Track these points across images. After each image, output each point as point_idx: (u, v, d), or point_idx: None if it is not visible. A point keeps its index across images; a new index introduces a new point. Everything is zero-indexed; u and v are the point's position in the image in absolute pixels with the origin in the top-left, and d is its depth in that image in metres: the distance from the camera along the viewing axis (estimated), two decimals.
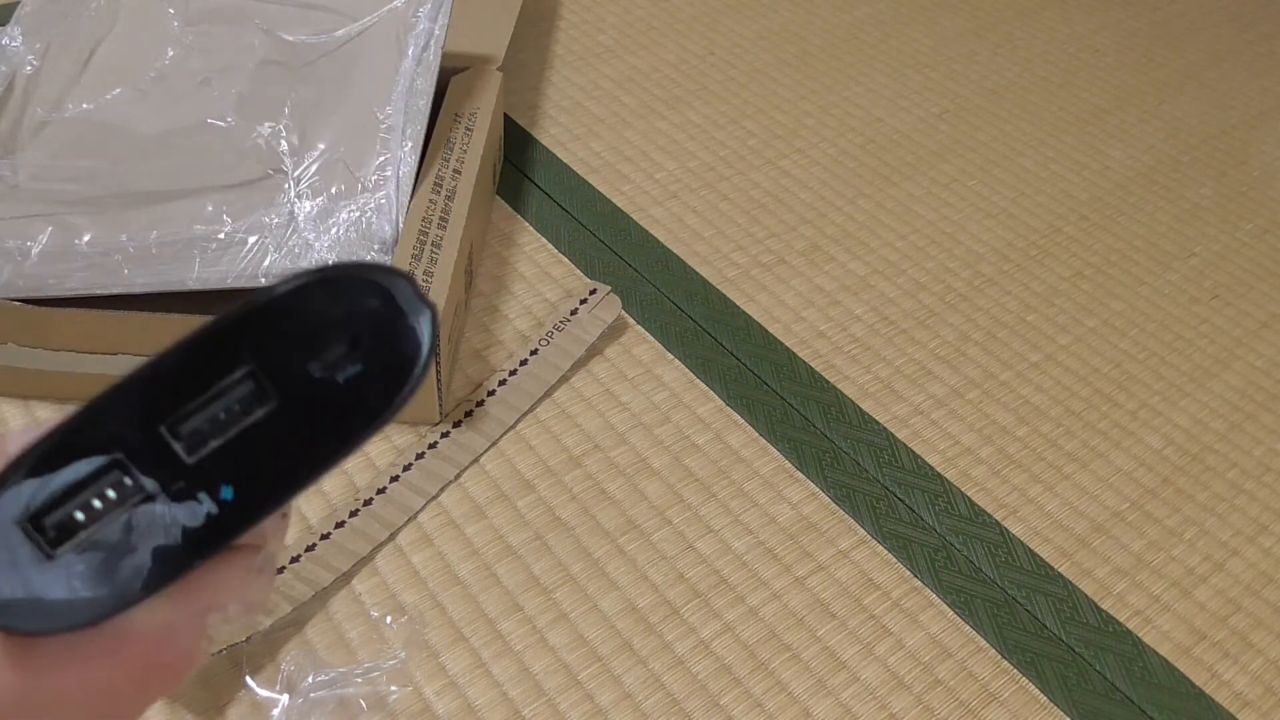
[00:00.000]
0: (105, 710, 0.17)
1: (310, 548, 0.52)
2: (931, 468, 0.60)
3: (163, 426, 0.15)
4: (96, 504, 0.15)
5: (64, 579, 0.15)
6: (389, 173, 0.59)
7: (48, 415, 0.58)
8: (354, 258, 0.56)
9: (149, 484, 0.15)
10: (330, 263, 0.16)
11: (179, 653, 0.17)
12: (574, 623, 0.51)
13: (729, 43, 0.94)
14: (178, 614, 0.17)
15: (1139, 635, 0.53)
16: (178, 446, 0.15)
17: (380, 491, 0.55)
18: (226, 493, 0.16)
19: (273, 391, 0.16)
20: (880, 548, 0.56)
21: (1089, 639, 0.53)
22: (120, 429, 0.15)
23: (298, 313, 0.15)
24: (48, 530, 0.15)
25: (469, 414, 0.59)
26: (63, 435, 0.15)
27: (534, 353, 0.63)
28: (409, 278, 0.17)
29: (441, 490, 0.56)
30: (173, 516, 0.15)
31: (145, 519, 0.15)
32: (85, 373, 0.56)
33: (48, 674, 0.16)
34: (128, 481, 0.15)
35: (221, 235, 0.56)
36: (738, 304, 0.69)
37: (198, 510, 0.15)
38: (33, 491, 0.15)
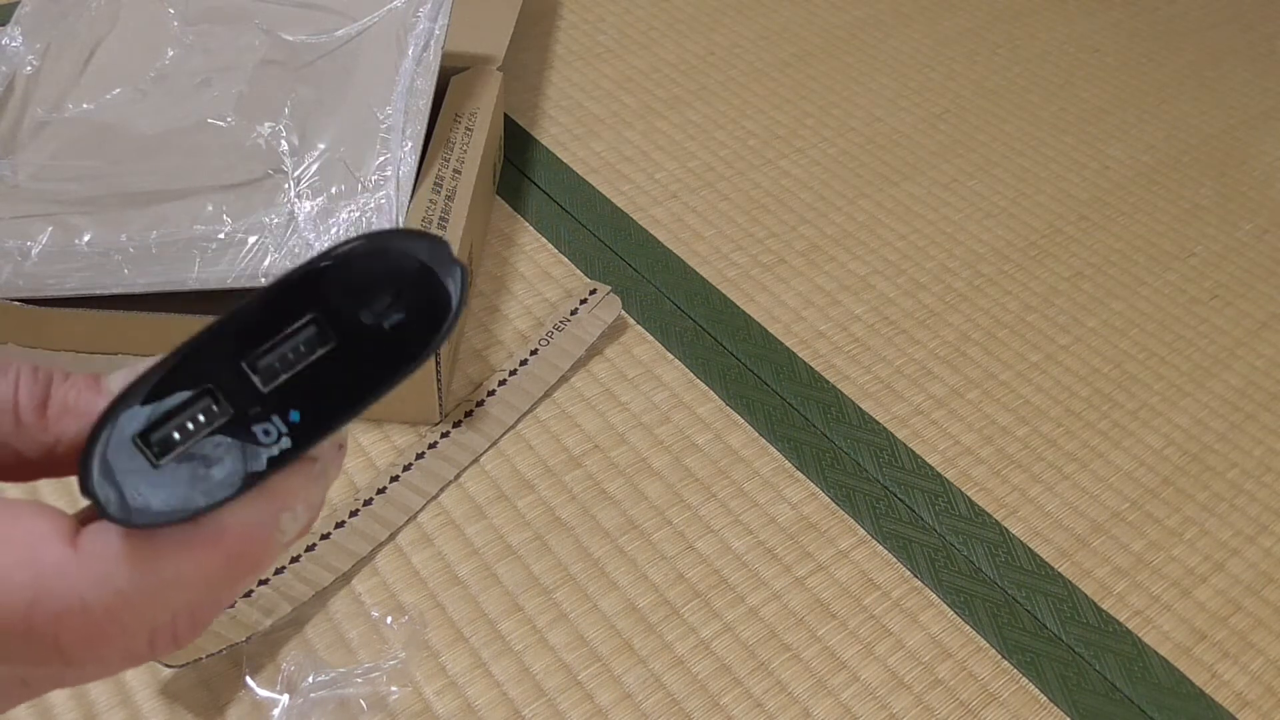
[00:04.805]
0: (205, 594, 0.21)
1: (310, 548, 0.52)
2: (931, 468, 0.60)
3: (243, 363, 0.19)
4: (190, 425, 0.19)
5: (168, 484, 0.19)
6: (389, 173, 0.59)
7: None
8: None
9: (232, 409, 0.19)
10: (379, 229, 0.19)
11: (262, 544, 0.21)
12: (574, 623, 0.51)
13: (729, 43, 0.94)
14: (259, 513, 0.21)
15: (1139, 635, 0.53)
16: (255, 379, 0.19)
17: (380, 491, 0.55)
18: (294, 416, 0.19)
19: (331, 334, 0.19)
20: (880, 548, 0.56)
21: (1089, 639, 0.53)
22: (210, 364, 0.18)
23: (351, 270, 0.19)
24: (154, 445, 0.19)
25: (469, 414, 0.59)
26: (165, 368, 0.19)
27: (534, 353, 0.63)
28: (443, 241, 0.20)
29: (441, 490, 0.56)
30: (251, 435, 0.19)
31: (229, 437, 0.19)
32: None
33: (160, 561, 0.20)
34: (215, 407, 0.19)
35: (221, 235, 0.56)
36: (738, 304, 0.69)
37: (271, 430, 0.19)
38: (142, 413, 0.18)
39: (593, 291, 0.66)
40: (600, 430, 0.60)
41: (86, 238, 0.56)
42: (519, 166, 0.78)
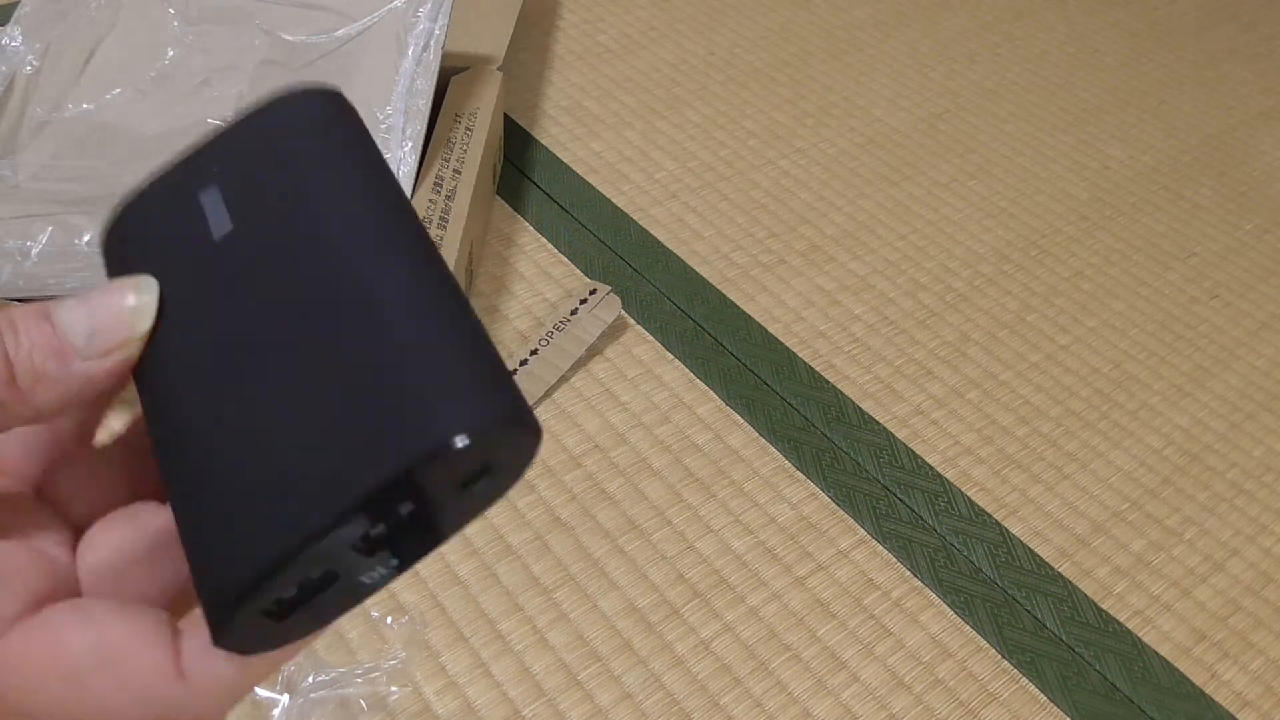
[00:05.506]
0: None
1: None
2: (931, 468, 0.60)
3: (351, 546, 0.21)
4: (307, 593, 0.21)
5: (287, 628, 0.21)
6: None
7: None
8: None
9: (341, 575, 0.22)
10: (469, 418, 0.21)
11: None
12: (574, 623, 0.51)
13: (729, 43, 0.94)
14: None
15: (1139, 635, 0.53)
16: (361, 547, 0.21)
17: None
18: (393, 561, 0.22)
19: (425, 502, 0.21)
20: (880, 548, 0.56)
21: (1089, 639, 0.53)
22: (321, 552, 0.21)
23: (445, 462, 0.21)
24: (276, 610, 0.21)
25: None
26: (284, 559, 0.21)
27: (534, 353, 0.63)
28: (527, 414, 0.21)
29: None
30: (358, 582, 0.22)
31: (339, 588, 0.22)
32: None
33: (262, 665, 0.22)
34: (328, 577, 0.21)
35: None
36: (738, 304, 0.69)
37: (374, 575, 0.22)
38: (269, 587, 0.21)
39: (593, 291, 0.66)
40: (600, 430, 0.60)
41: (86, 238, 0.56)
42: (519, 166, 0.78)
